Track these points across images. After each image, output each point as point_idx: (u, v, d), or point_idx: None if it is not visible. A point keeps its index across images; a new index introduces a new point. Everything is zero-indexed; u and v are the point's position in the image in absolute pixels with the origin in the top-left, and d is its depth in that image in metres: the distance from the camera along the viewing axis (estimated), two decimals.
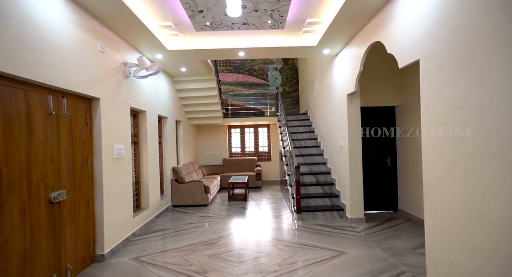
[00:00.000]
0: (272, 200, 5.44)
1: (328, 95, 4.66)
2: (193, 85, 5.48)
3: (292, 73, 7.71)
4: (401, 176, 4.19)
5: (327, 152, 4.87)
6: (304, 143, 5.58)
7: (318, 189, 4.51)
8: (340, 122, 4.08)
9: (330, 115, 4.61)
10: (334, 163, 4.47)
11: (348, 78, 3.71)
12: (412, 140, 3.89)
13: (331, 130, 4.55)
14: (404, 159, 4.10)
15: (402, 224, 3.68)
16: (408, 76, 3.93)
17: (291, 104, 7.76)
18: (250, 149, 7.83)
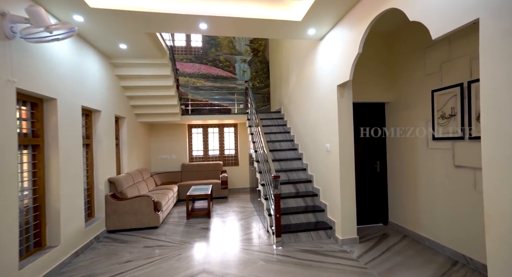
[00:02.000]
0: (241, 214, 4.48)
1: (310, 89, 3.91)
2: (141, 70, 4.23)
3: (262, 66, 6.90)
4: (392, 184, 3.62)
5: (308, 156, 4.11)
6: (278, 145, 4.77)
7: (299, 201, 3.71)
8: (327, 120, 3.34)
9: (312, 113, 3.85)
10: (318, 170, 3.72)
11: (340, 64, 2.98)
12: (405, 142, 3.33)
13: (314, 130, 3.79)
14: (396, 164, 3.53)
15: (400, 243, 3.06)
16: (402, 68, 3.37)
17: (261, 101, 6.92)
18: (215, 153, 6.77)
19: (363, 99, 3.52)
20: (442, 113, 2.79)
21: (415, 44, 3.14)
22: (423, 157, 3.06)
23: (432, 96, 2.90)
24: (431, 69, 2.92)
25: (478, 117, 2.41)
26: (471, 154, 2.48)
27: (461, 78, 2.58)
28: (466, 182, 2.54)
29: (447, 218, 2.77)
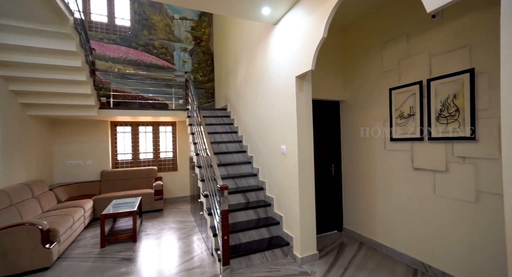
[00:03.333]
0: (180, 232, 3.63)
1: (262, 82, 3.39)
2: (27, 39, 2.95)
3: (206, 58, 6.11)
4: (347, 188, 3.41)
5: (259, 159, 3.58)
6: (225, 147, 4.11)
7: (250, 214, 3.13)
8: (283, 118, 2.87)
9: (264, 110, 3.34)
10: (271, 176, 3.22)
11: (300, 51, 2.53)
12: (361, 143, 3.14)
13: (267, 129, 3.29)
14: (351, 167, 3.33)
15: (359, 254, 2.80)
16: (358, 64, 3.17)
17: (204, 97, 6.12)
18: (148, 156, 5.63)
19: (315, 96, 3.19)
20: (400, 113, 2.64)
21: (372, 39, 2.96)
22: (380, 159, 2.89)
23: (390, 95, 2.73)
24: (388, 66, 2.76)
25: (437, 117, 2.29)
26: (430, 156, 2.35)
27: (420, 76, 2.44)
28: (425, 185, 2.41)
29: (404, 223, 2.62)
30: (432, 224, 2.36)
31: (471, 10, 2.04)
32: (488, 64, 1.95)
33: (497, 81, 1.90)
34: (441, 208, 2.28)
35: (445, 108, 2.23)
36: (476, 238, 2.05)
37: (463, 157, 2.11)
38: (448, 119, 2.21)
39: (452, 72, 2.17)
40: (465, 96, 2.08)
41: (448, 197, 2.23)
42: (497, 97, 1.90)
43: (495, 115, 1.92)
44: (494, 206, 1.94)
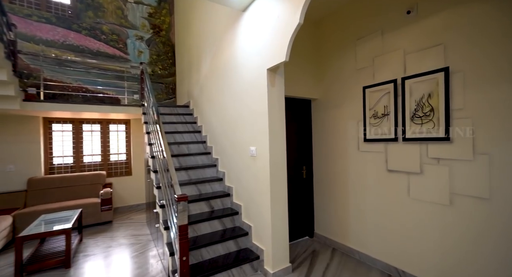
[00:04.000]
0: (131, 249, 3.07)
1: (229, 76, 3.03)
2: None
3: (166, 49, 5.50)
4: (319, 192, 3.25)
5: (225, 162, 3.22)
6: (186, 148, 3.65)
7: (214, 225, 2.74)
8: (253, 116, 2.56)
9: (232, 107, 2.99)
10: (239, 180, 2.88)
11: (273, 40, 2.24)
12: (333, 144, 3.00)
13: (234, 129, 2.94)
14: (323, 169, 3.17)
15: (333, 262, 2.63)
16: (331, 61, 3.02)
17: (164, 93, 5.51)
18: (95, 159, 4.82)
19: (285, 93, 2.96)
20: (374, 112, 2.53)
21: (345, 35, 2.83)
22: (353, 161, 2.77)
23: (364, 93, 2.62)
24: (362, 63, 2.65)
25: (412, 117, 2.21)
26: (405, 157, 2.27)
27: (394, 74, 2.35)
28: (400, 188, 2.32)
29: (378, 228, 2.52)
30: (406, 228, 2.28)
31: (446, 7, 1.99)
32: (463, 63, 1.90)
33: (472, 80, 1.85)
34: (415, 212, 2.21)
35: (420, 108, 2.15)
36: (449, 241, 1.99)
37: (438, 159, 2.05)
38: (422, 119, 2.13)
39: (427, 71, 2.10)
40: (439, 96, 2.02)
41: (422, 200, 2.16)
42: (471, 97, 1.86)
43: (469, 115, 1.87)
44: (467, 208, 1.89)
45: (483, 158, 1.80)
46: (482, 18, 1.80)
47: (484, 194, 1.80)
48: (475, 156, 1.84)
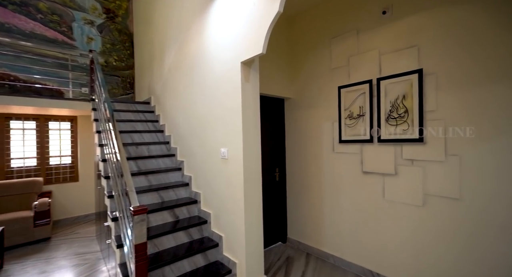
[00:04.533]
0: (74, 272, 2.54)
1: (197, 70, 2.73)
2: None
3: (123, 38, 4.89)
4: (292, 195, 3.13)
5: (192, 165, 2.89)
6: (146, 150, 3.21)
7: (179, 237, 2.41)
8: (224, 113, 2.30)
9: (200, 104, 2.68)
10: (209, 185, 2.59)
11: (248, 30, 2.02)
12: (307, 145, 2.91)
13: (203, 129, 2.64)
14: (297, 171, 3.06)
15: (308, 269, 2.51)
16: (305, 59, 2.93)
17: (121, 87, 4.88)
18: (29, 163, 4.00)
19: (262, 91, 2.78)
20: (349, 113, 2.49)
21: (320, 33, 2.75)
22: (328, 163, 2.70)
23: (339, 93, 2.56)
24: (337, 62, 2.59)
25: (387, 118, 2.20)
26: (380, 159, 2.25)
27: (370, 74, 2.33)
28: (375, 190, 2.30)
29: (353, 231, 2.48)
30: (380, 230, 2.27)
31: (420, 10, 2.01)
32: (435, 65, 1.93)
33: (444, 83, 1.89)
34: (390, 213, 2.20)
35: (395, 109, 2.15)
36: (422, 242, 2.01)
37: (412, 160, 2.06)
38: (397, 121, 2.13)
39: (402, 72, 2.10)
40: (413, 97, 2.03)
41: (396, 202, 2.16)
42: (443, 99, 1.89)
43: (441, 117, 1.90)
44: (439, 209, 1.92)
45: (453, 159, 1.84)
46: (453, 22, 1.84)
47: (454, 194, 1.84)
48: (447, 157, 1.88)
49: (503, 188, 1.64)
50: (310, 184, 2.88)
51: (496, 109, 1.67)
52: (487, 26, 1.69)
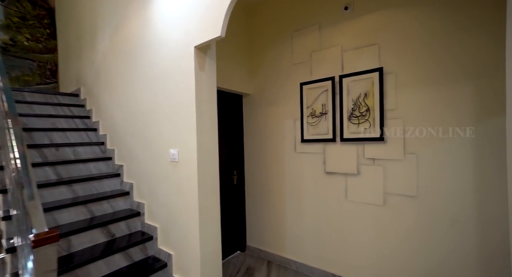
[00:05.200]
0: None
1: (140, 56, 2.25)
2: None
3: (39, 13, 3.90)
4: (251, 199, 2.90)
5: (135, 170, 2.39)
6: (71, 153, 2.56)
7: (115, 262, 1.92)
8: (174, 108, 1.92)
9: (145, 96, 2.22)
10: (155, 194, 2.15)
11: (203, 9, 1.70)
12: (267, 145, 2.72)
13: (148, 126, 2.19)
14: (256, 173, 2.85)
15: None
16: (266, 53, 2.73)
17: (37, 74, 3.89)
18: None
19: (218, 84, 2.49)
20: (312, 111, 2.38)
21: (282, 25, 2.59)
22: (289, 164, 2.55)
23: (301, 90, 2.44)
24: (299, 57, 2.47)
25: (349, 116, 2.15)
26: (343, 158, 2.19)
27: (332, 71, 2.26)
28: (338, 191, 2.24)
29: (315, 234, 2.38)
30: (343, 231, 2.21)
31: (380, 7, 2.00)
32: (395, 64, 1.94)
33: (403, 82, 1.91)
34: (352, 214, 2.16)
35: (357, 107, 2.11)
36: (383, 241, 2.01)
37: (373, 159, 2.04)
38: (359, 119, 2.10)
39: (363, 70, 2.07)
40: (375, 96, 2.02)
41: (359, 202, 2.12)
42: (402, 98, 1.91)
43: (401, 115, 1.92)
44: (398, 207, 1.94)
45: (411, 158, 1.87)
46: (412, 21, 1.87)
47: (412, 192, 1.87)
48: (405, 155, 1.90)
49: (455, 184, 1.71)
50: (271, 186, 2.70)
51: (449, 108, 1.73)
52: (444, 26, 1.74)
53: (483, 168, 1.62)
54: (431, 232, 1.80)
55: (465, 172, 1.68)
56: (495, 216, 1.59)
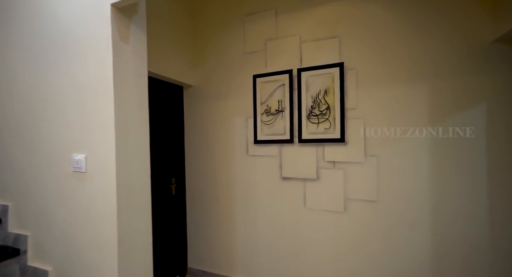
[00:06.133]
0: None
1: (21, 18, 1.49)
2: None
3: None
4: (194, 212, 2.41)
5: (10, 186, 1.57)
6: None
7: None
8: (81, 94, 1.31)
9: (29, 77, 1.47)
10: (47, 220, 1.44)
11: None
12: (214, 148, 2.30)
13: (36, 120, 1.46)
14: (200, 181, 2.37)
15: None
16: (214, 38, 2.30)
17: None
18: None
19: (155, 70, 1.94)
20: (267, 108, 2.08)
21: (232, 7, 2.21)
22: (241, 168, 2.18)
23: (254, 83, 2.11)
24: (252, 46, 2.14)
25: (309, 114, 1.94)
26: (301, 161, 1.96)
27: (290, 64, 2.01)
28: (295, 198, 1.99)
29: (272, 248, 2.08)
30: (302, 243, 1.98)
31: None
32: (356, 60, 1.81)
33: (364, 79, 1.79)
34: (311, 223, 1.95)
35: (317, 105, 1.91)
36: (343, 250, 1.86)
37: (333, 162, 1.87)
38: (319, 118, 1.90)
39: (323, 64, 1.89)
40: (335, 93, 1.85)
41: (318, 209, 1.92)
42: (363, 96, 1.80)
43: (361, 115, 1.80)
44: (359, 213, 1.81)
45: (372, 160, 1.77)
46: (371, 17, 1.77)
47: (372, 196, 1.77)
48: (366, 158, 1.78)
49: (413, 186, 1.67)
50: (219, 196, 2.28)
51: (409, 108, 1.68)
52: (403, 25, 1.69)
53: (439, 169, 1.62)
54: (391, 237, 1.73)
55: (423, 174, 1.65)
56: (452, 218, 1.59)
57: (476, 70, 1.54)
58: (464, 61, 1.57)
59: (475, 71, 1.54)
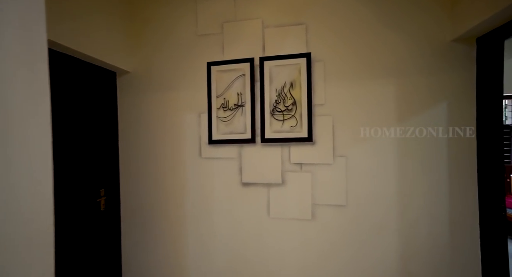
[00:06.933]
0: None
1: None
2: None
3: None
4: (131, 231, 1.92)
5: None
6: None
7: None
8: None
9: None
10: None
11: None
12: (157, 150, 1.87)
13: None
14: (138, 192, 1.90)
15: None
16: (158, 15, 1.86)
17: None
18: None
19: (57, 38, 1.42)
20: (224, 101, 1.76)
21: None
22: (193, 174, 1.81)
23: (209, 72, 1.77)
24: (206, 27, 1.79)
25: (273, 110, 1.69)
26: (264, 164, 1.70)
27: (251, 51, 1.73)
28: (258, 206, 1.72)
29: (232, 266, 1.76)
30: (266, 256, 1.71)
31: None
32: (324, 51, 1.64)
33: (332, 72, 1.62)
34: (276, 234, 1.70)
35: (282, 100, 1.68)
36: (310, 261, 1.66)
37: (300, 164, 1.66)
38: (284, 115, 1.67)
39: (288, 54, 1.66)
40: (302, 87, 1.65)
41: (283, 218, 1.69)
42: (331, 91, 1.63)
43: (330, 112, 1.63)
44: (327, 220, 1.64)
45: (341, 161, 1.62)
46: (341, 5, 1.62)
47: (341, 201, 1.62)
48: (335, 159, 1.62)
49: (381, 188, 1.57)
50: (164, 209, 1.85)
51: (377, 106, 1.57)
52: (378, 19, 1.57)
53: (404, 170, 1.54)
54: (360, 244, 1.59)
55: (391, 175, 1.55)
56: (416, 219, 1.53)
57: (437, 69, 1.51)
58: (427, 59, 1.52)
59: (437, 70, 1.51)
